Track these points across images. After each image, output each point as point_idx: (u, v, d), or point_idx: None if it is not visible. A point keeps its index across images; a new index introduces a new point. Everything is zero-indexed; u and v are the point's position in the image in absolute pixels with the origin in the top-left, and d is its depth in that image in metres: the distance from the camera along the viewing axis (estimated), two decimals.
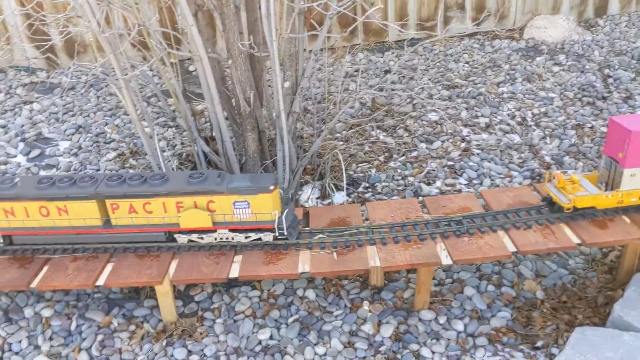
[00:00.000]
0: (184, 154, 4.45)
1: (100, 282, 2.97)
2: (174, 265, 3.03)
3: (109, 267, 3.05)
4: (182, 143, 4.60)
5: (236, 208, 2.99)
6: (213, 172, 3.03)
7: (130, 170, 4.32)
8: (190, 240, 3.10)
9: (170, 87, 3.60)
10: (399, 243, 3.04)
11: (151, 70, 5.59)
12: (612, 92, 5.31)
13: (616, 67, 5.81)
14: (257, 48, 3.41)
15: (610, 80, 5.56)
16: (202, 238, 3.09)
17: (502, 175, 4.29)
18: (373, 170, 4.41)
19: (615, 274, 3.42)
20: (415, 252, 2.97)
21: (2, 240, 3.18)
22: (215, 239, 3.09)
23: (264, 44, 3.37)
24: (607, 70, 5.72)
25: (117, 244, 3.14)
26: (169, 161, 4.12)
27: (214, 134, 3.78)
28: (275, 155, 3.64)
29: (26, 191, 3.05)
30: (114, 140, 4.72)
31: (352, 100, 3.92)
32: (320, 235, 3.12)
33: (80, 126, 4.91)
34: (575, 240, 3.00)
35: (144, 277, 2.94)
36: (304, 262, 2.98)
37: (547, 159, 4.45)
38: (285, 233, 3.02)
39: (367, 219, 3.40)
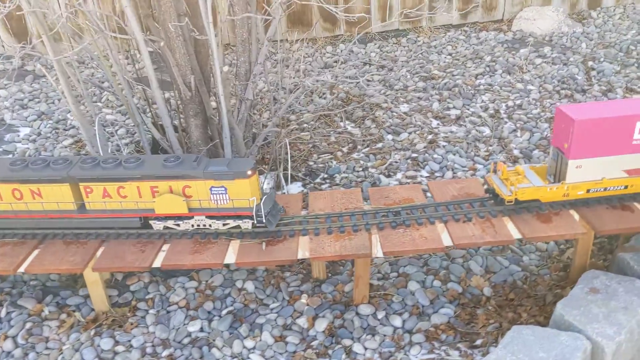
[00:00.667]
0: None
1: (23, 268, 2.89)
2: (99, 252, 2.94)
3: (35, 253, 2.97)
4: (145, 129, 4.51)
5: (213, 194, 2.87)
6: (190, 156, 2.91)
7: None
8: (166, 227, 3.00)
9: (108, 72, 3.51)
10: (332, 234, 2.93)
11: (100, 55, 5.51)
12: (593, 85, 5.12)
13: (601, 59, 5.60)
14: (199, 31, 3.31)
15: (594, 73, 5.36)
16: (178, 225, 2.98)
17: (465, 168, 4.14)
18: (334, 161, 4.29)
19: (570, 271, 3.26)
20: (346, 243, 2.85)
21: None
22: (192, 225, 2.98)
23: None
24: (590, 63, 5.52)
25: (91, 230, 3.05)
26: (119, 150, 4.04)
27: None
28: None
29: None
30: (73, 127, 4.66)
31: (302, 88, 3.79)
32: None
33: (43, 113, 4.86)
34: (516, 234, 2.86)
35: (66, 264, 2.86)
36: (231, 252, 2.87)
37: (516, 152, 4.29)
38: (264, 221, 2.90)
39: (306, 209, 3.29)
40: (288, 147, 3.57)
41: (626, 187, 2.94)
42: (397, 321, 3.03)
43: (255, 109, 5.01)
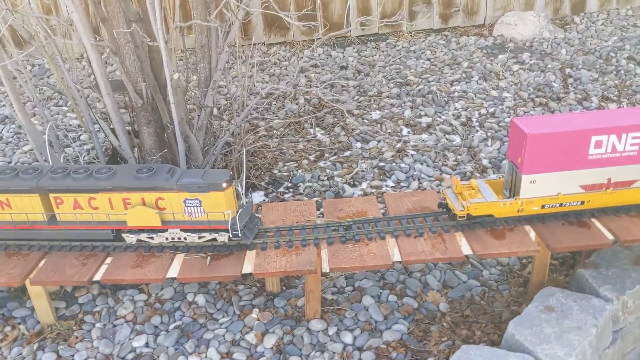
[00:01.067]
0: (104, 147, 4.28)
1: None
2: (41, 265, 2.86)
3: None
4: (105, 136, 4.42)
5: (187, 206, 2.76)
6: (163, 167, 2.79)
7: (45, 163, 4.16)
8: (139, 240, 2.88)
9: (59, 79, 3.42)
10: (280, 248, 2.84)
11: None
12: (569, 93, 5.04)
13: (579, 66, 5.52)
14: (153, 37, 3.22)
15: (571, 80, 5.28)
16: (152, 238, 2.86)
17: (432, 178, 4.05)
18: (299, 170, 4.21)
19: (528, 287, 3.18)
20: (292, 258, 2.76)
21: None
22: (167, 238, 2.86)
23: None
24: (568, 70, 5.43)
25: (62, 242, 2.94)
26: (77, 157, 3.96)
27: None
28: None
29: None
30: None
31: (256, 96, 3.70)
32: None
33: (6, 117, 4.77)
34: (467, 250, 2.78)
35: (5, 277, 2.77)
36: (174, 266, 2.79)
37: (485, 162, 4.21)
38: (240, 235, 2.78)
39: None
40: (244, 155, 3.48)
41: (583, 202, 2.86)
42: (347, 338, 2.95)
43: (224, 114, 4.94)
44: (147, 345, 2.96)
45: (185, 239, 2.87)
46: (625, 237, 2.76)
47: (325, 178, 4.12)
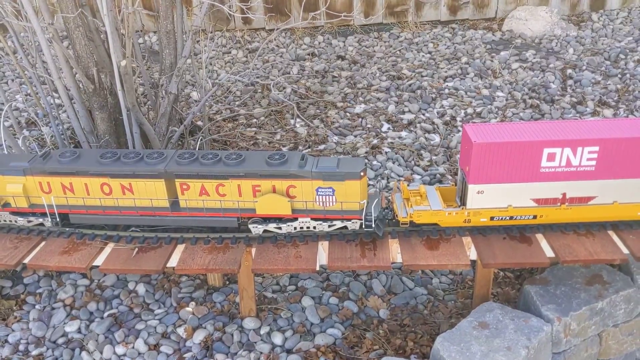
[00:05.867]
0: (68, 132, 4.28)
1: None
2: None
3: None
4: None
5: (319, 195, 2.68)
6: (295, 154, 2.73)
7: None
8: (266, 231, 2.79)
9: (17, 64, 3.43)
10: (209, 244, 2.79)
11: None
12: (565, 95, 4.81)
13: (583, 67, 5.26)
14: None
15: (571, 82, 5.03)
16: (279, 228, 2.78)
17: (402, 178, 3.93)
18: None
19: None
20: (218, 256, 2.71)
21: (57, 219, 2.87)
22: (295, 228, 2.78)
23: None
24: (570, 71, 5.18)
25: (184, 229, 2.87)
26: (29, 142, 3.98)
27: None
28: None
29: (87, 166, 2.78)
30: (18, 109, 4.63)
31: (217, 85, 3.64)
32: (134, 229, 2.90)
33: None
34: (398, 259, 2.68)
35: None
36: (101, 255, 2.77)
37: None
38: (373, 226, 2.70)
39: None
40: (205, 145, 3.43)
41: (535, 217, 2.71)
42: (278, 339, 2.89)
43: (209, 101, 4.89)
44: (79, 331, 2.97)
45: (314, 228, 2.78)
46: (565, 257, 2.61)
47: None
